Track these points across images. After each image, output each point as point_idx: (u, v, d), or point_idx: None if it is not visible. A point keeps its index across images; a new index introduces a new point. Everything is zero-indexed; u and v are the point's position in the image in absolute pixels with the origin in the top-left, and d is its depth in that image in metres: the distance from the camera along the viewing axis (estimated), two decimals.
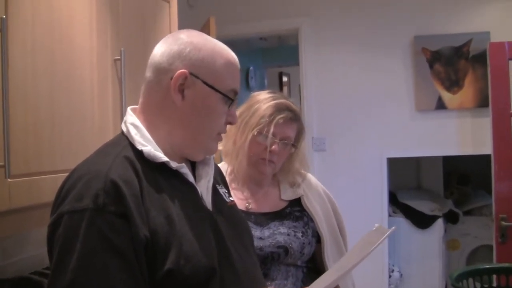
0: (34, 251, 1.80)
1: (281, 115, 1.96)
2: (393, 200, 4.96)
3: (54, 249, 1.15)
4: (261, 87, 7.95)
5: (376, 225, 1.30)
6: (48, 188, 1.28)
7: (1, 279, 1.81)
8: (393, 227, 1.30)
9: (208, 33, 3.59)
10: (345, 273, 1.37)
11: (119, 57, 1.99)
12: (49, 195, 1.25)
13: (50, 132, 1.64)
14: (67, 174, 1.26)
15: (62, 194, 1.20)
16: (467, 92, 4.30)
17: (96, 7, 1.89)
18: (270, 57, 8.22)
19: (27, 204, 1.53)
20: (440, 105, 4.35)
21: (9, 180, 1.44)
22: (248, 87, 7.54)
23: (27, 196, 1.53)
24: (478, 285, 3.18)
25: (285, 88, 8.83)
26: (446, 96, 4.33)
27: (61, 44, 1.70)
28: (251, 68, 7.92)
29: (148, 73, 1.35)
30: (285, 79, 8.83)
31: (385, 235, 1.29)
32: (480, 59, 4.16)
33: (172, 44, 1.33)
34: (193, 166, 1.43)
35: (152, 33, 2.26)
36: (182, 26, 2.74)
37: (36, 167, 1.57)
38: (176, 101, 1.30)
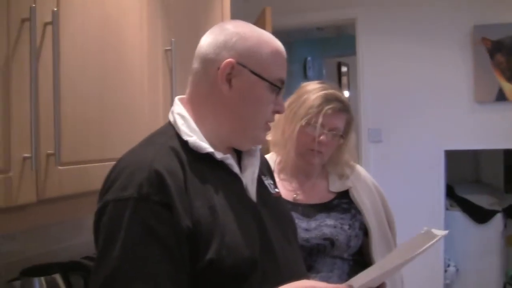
0: (87, 237, 1.83)
1: (330, 106, 1.94)
2: (451, 194, 4.85)
3: (99, 237, 1.18)
4: (319, 78, 7.90)
5: (425, 228, 1.26)
6: (97, 175, 1.30)
7: (52, 263, 1.86)
8: (443, 233, 1.26)
9: (264, 24, 3.63)
10: (387, 273, 1.34)
11: (170, 48, 2.01)
12: (99, 183, 1.27)
13: (100, 122, 1.67)
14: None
15: (108, 183, 1.22)
16: None
17: None
18: (328, 47, 8.14)
19: (77, 191, 1.57)
20: (501, 97, 4.22)
21: (59, 167, 1.48)
22: (306, 78, 7.50)
23: (77, 183, 1.57)
24: None
25: (344, 78, 8.72)
26: (507, 87, 4.20)
27: (112, 35, 1.73)
28: (308, 58, 7.86)
29: (195, 64, 1.36)
30: (344, 69, 8.72)
31: (432, 241, 1.25)
32: None
33: (218, 34, 1.34)
34: (238, 157, 1.43)
35: (204, 23, 2.27)
36: (237, 18, 2.74)
37: (85, 156, 1.60)
38: (224, 91, 1.30)
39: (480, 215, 4.65)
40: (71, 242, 2.16)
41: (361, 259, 2.03)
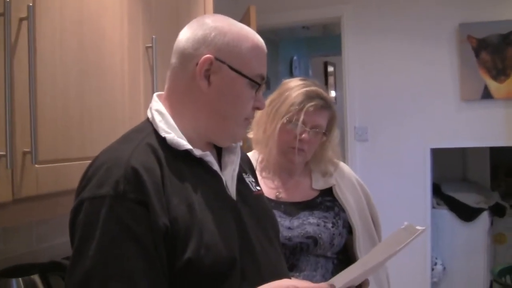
0: (67, 237, 1.81)
1: (312, 103, 1.93)
2: (437, 192, 4.87)
3: (75, 235, 1.16)
4: (306, 77, 7.88)
5: (406, 223, 1.25)
6: (77, 174, 1.28)
7: (33, 263, 1.84)
8: (423, 227, 1.25)
9: (249, 22, 3.61)
10: (370, 270, 1.34)
11: (150, 45, 1.99)
12: (77, 182, 1.26)
13: (80, 120, 1.65)
14: None
15: (85, 180, 1.20)
16: None
17: None
18: (315, 46, 8.16)
19: (55, 189, 1.55)
20: (486, 95, 4.22)
21: (36, 166, 1.45)
22: (292, 77, 7.46)
23: (55, 181, 1.55)
24: None
25: (330, 78, 8.74)
26: (493, 85, 4.20)
27: (91, 32, 1.71)
28: (295, 57, 7.87)
29: (174, 59, 1.34)
30: (330, 69, 8.74)
31: (413, 236, 1.24)
32: None
33: (197, 29, 1.31)
34: (219, 154, 1.42)
35: (186, 20, 2.19)
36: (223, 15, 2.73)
37: (64, 154, 1.58)
38: (202, 87, 1.28)
39: (466, 213, 4.67)
40: (54, 242, 2.14)
41: (345, 258, 2.02)
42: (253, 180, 1.55)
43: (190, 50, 1.30)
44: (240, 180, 1.43)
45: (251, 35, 1.34)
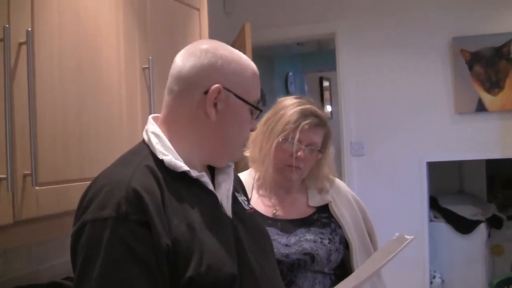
0: (67, 257, 1.83)
1: (307, 121, 1.94)
2: (435, 205, 4.88)
3: (77, 258, 1.16)
4: (301, 92, 7.92)
5: (397, 234, 1.28)
6: (77, 195, 1.30)
7: (33, 284, 1.85)
8: (412, 236, 1.28)
9: (244, 40, 3.65)
10: (363, 281, 1.36)
11: (147, 66, 2.01)
12: (77, 203, 1.27)
13: (78, 141, 1.67)
14: None
15: (85, 203, 1.21)
16: (508, 94, 4.19)
17: (123, 16, 1.91)
18: (310, 62, 8.19)
19: (56, 211, 1.56)
20: (481, 107, 4.26)
21: (36, 188, 1.47)
22: (288, 93, 7.51)
23: (55, 203, 1.56)
24: None
25: (326, 93, 8.76)
26: (487, 98, 4.24)
27: (88, 54, 1.73)
28: (290, 73, 7.90)
29: (175, 86, 1.34)
30: (326, 83, 8.76)
31: (404, 244, 1.27)
32: None
33: (201, 57, 1.32)
34: (212, 174, 1.44)
35: (182, 40, 2.28)
36: (218, 33, 2.77)
37: (63, 175, 1.60)
38: (210, 115, 1.31)
39: (464, 226, 4.68)
40: (54, 262, 2.14)
41: (343, 273, 2.01)
42: (245, 199, 1.57)
43: (196, 78, 1.31)
44: (233, 199, 1.45)
45: (249, 62, 1.39)
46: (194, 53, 1.34)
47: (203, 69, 1.31)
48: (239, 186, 1.61)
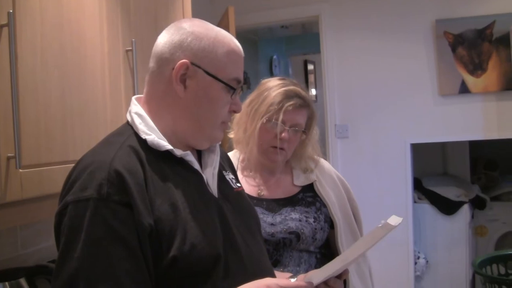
0: (54, 241, 1.83)
1: (290, 102, 1.95)
2: (418, 186, 4.91)
3: (60, 238, 1.17)
4: (286, 76, 7.90)
5: (382, 221, 1.29)
6: (59, 178, 1.30)
7: (19, 267, 1.85)
8: (400, 219, 1.29)
9: (227, 23, 3.64)
10: (347, 264, 1.38)
11: (130, 48, 2.00)
12: (61, 186, 1.27)
13: (62, 124, 1.67)
14: None
15: (68, 184, 1.22)
16: (491, 76, 4.21)
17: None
18: (294, 45, 8.16)
19: (40, 194, 1.56)
20: (464, 89, 4.28)
21: (20, 170, 1.47)
22: (272, 76, 7.47)
23: (39, 186, 1.56)
24: (502, 270, 3.15)
25: (311, 76, 8.76)
26: (470, 80, 4.25)
27: (71, 36, 1.72)
28: (274, 56, 7.89)
29: (152, 63, 1.36)
30: (310, 67, 8.75)
31: (389, 231, 1.29)
32: (504, 41, 4.10)
33: (174, 34, 1.33)
34: (198, 153, 1.44)
35: (165, 24, 2.22)
36: (201, 16, 2.72)
37: (47, 158, 1.60)
38: (179, 92, 1.30)
39: (447, 207, 4.71)
40: (40, 245, 2.14)
41: (328, 252, 2.05)
42: (233, 177, 1.57)
43: (167, 55, 1.32)
44: (221, 178, 1.45)
45: (227, 39, 1.36)
46: (169, 30, 1.36)
47: (173, 45, 1.32)
48: (227, 164, 1.61)
